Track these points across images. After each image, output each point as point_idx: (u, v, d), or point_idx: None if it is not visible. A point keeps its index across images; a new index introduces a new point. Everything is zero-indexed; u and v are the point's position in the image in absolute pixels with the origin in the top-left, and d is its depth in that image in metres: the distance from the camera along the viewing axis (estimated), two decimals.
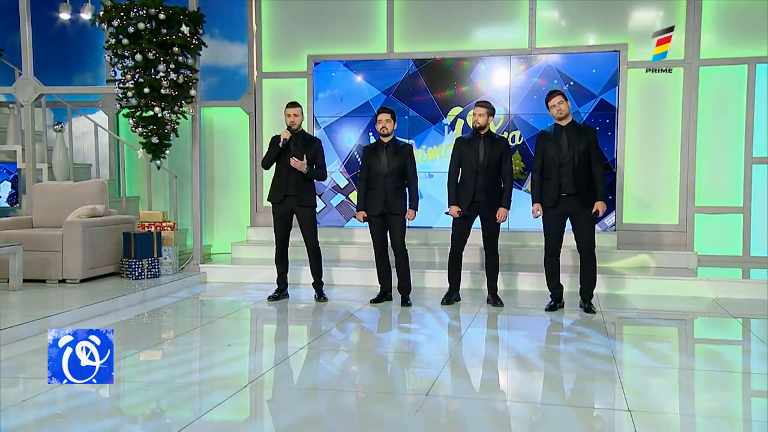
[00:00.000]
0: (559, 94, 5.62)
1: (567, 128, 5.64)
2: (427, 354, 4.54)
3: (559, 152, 5.59)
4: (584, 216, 5.63)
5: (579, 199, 5.60)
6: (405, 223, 6.09)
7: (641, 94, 7.83)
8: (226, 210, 8.97)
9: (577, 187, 5.56)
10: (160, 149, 7.07)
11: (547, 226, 5.75)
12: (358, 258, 7.71)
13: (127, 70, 6.80)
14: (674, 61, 7.73)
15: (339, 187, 8.46)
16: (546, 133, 5.77)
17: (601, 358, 4.39)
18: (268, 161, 6.18)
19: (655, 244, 7.75)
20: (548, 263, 5.85)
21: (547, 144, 5.67)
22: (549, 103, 5.64)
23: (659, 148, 7.87)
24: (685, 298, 6.39)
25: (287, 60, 8.65)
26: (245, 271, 7.41)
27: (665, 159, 7.86)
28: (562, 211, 5.65)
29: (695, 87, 7.69)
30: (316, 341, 4.89)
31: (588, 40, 7.93)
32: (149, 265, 6.80)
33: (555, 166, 5.59)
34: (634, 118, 7.87)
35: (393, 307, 6.03)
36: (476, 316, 5.67)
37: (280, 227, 6.26)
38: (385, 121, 5.97)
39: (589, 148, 5.58)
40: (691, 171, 7.74)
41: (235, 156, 8.89)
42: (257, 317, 5.82)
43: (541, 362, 4.37)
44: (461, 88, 8.09)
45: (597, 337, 4.93)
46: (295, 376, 4.10)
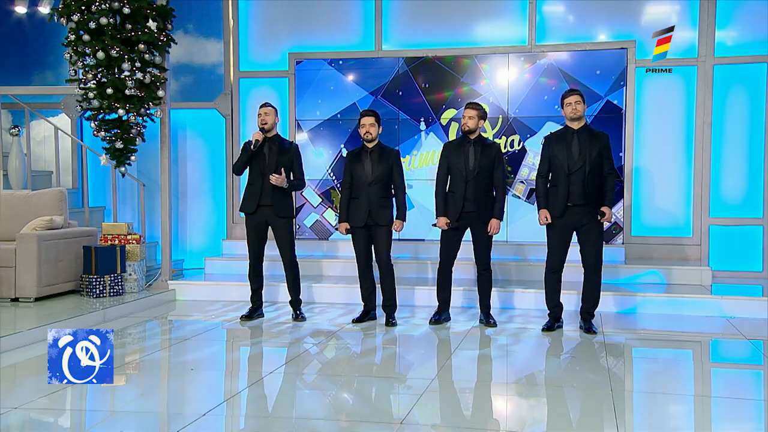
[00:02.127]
0: (577, 94, 5.60)
1: (579, 132, 5.60)
2: (409, 378, 4.53)
3: (569, 158, 5.55)
4: (592, 229, 5.61)
5: (588, 211, 5.57)
6: (391, 236, 6.08)
7: (650, 95, 7.85)
8: (199, 221, 8.95)
9: (587, 197, 5.54)
10: (125, 155, 7.07)
11: (551, 238, 5.72)
12: (343, 273, 7.69)
13: (89, 68, 6.80)
14: (687, 59, 7.74)
15: (312, 204, 8.47)
16: (556, 135, 5.73)
17: (603, 384, 4.36)
18: (240, 166, 6.18)
19: (666, 258, 7.74)
20: (549, 280, 5.82)
21: (556, 148, 5.63)
22: (565, 100, 5.61)
23: (670, 154, 7.86)
24: (698, 318, 6.36)
25: (267, 58, 8.67)
26: (219, 289, 7.39)
27: (677, 165, 7.85)
28: (569, 223, 5.63)
29: (709, 87, 7.69)
30: (290, 365, 4.87)
31: (593, 36, 7.94)
32: (112, 281, 6.78)
33: (564, 173, 5.56)
34: (643, 120, 7.87)
35: (377, 327, 6.01)
36: (466, 337, 5.65)
37: (254, 240, 6.24)
38: (369, 126, 5.97)
39: (601, 155, 5.56)
40: (706, 178, 7.74)
41: (209, 162, 8.89)
42: (227, 339, 5.79)
43: (533, 389, 4.34)
44: (455, 88, 8.10)
45: (598, 361, 4.91)
46: (263, 402, 4.08)
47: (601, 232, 5.68)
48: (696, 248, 7.77)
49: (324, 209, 8.44)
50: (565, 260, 5.77)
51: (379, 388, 4.36)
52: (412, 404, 3.94)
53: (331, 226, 8.38)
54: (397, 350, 5.42)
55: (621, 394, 4.17)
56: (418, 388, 4.22)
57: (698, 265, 7.50)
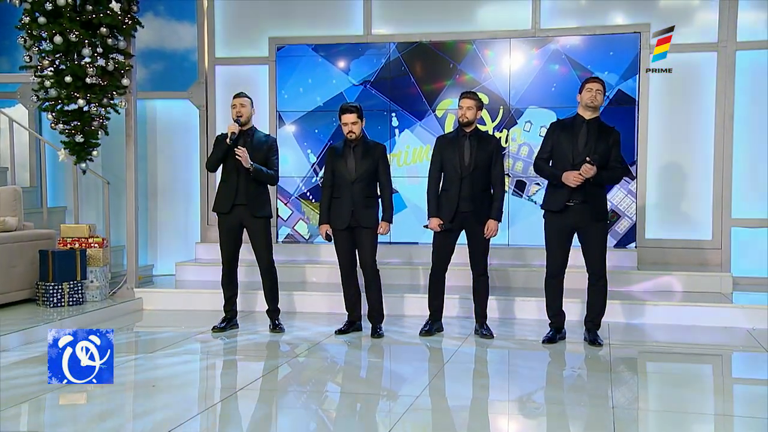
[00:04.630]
0: (600, 82, 5.61)
1: (590, 123, 5.61)
2: (394, 394, 4.54)
3: (573, 149, 5.56)
4: (594, 230, 5.62)
5: (589, 210, 5.58)
6: (377, 239, 6.08)
7: (666, 84, 7.84)
8: (171, 223, 8.94)
9: (588, 194, 5.54)
10: (86, 150, 7.06)
11: (550, 239, 5.73)
12: (328, 280, 7.68)
13: (45, 54, 6.79)
14: (706, 44, 7.74)
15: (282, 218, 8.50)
16: (563, 123, 5.74)
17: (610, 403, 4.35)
18: (214, 162, 6.19)
19: (683, 263, 7.73)
20: (549, 286, 5.83)
21: (561, 136, 5.63)
22: (586, 85, 5.59)
23: (688, 148, 7.86)
24: (716, 329, 6.35)
25: (245, 43, 8.66)
26: (190, 297, 7.39)
27: (696, 161, 7.85)
28: (569, 223, 5.63)
29: (731, 75, 7.69)
30: (266, 380, 4.87)
31: (603, 19, 7.94)
32: (71, 289, 6.77)
33: (568, 165, 5.55)
34: (658, 112, 7.87)
35: (362, 338, 6.02)
36: (459, 349, 5.65)
37: (227, 242, 6.25)
38: (351, 124, 5.96)
39: (609, 151, 5.57)
40: (727, 176, 7.73)
41: (182, 158, 8.88)
42: (197, 352, 5.79)
43: (530, 408, 4.35)
44: (453, 76, 8.10)
45: (605, 377, 4.90)
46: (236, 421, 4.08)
47: (605, 232, 5.69)
48: (716, 252, 7.76)
49: (295, 221, 8.45)
50: (566, 264, 5.77)
51: (364, 405, 4.37)
52: (393, 424, 3.93)
53: (303, 238, 8.40)
54: (384, 364, 5.43)
55: (631, 414, 4.17)
56: (404, 405, 4.22)
57: (718, 271, 7.49)
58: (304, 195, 8.47)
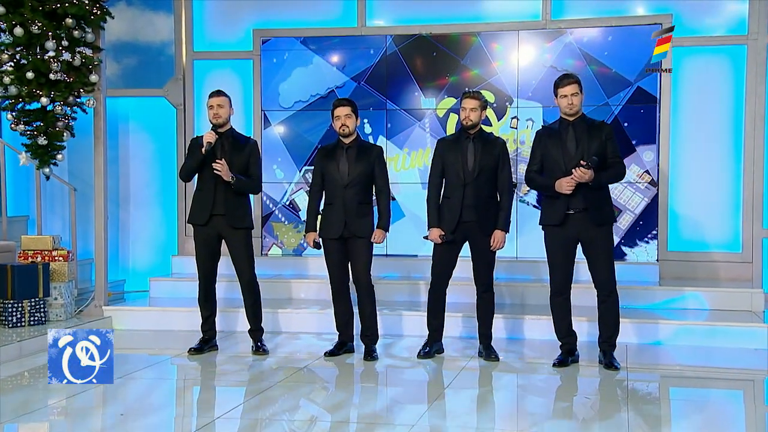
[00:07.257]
0: (574, 82, 5.64)
1: (575, 125, 5.65)
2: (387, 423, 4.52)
3: (564, 155, 5.59)
4: (599, 241, 5.62)
5: (591, 218, 5.58)
6: (371, 250, 6.08)
7: (690, 80, 7.86)
8: (145, 234, 8.94)
9: (588, 200, 5.55)
10: (50, 153, 7.06)
11: (551, 253, 5.74)
12: (317, 297, 7.68)
13: (5, 48, 6.80)
14: (734, 36, 7.75)
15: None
16: (547, 129, 5.80)
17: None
18: (189, 171, 6.20)
19: (710, 278, 7.74)
20: (555, 304, 5.84)
21: (548, 143, 5.68)
22: (559, 90, 5.65)
23: (715, 151, 7.87)
24: (747, 351, 6.33)
25: (227, 36, 8.68)
26: (165, 316, 7.38)
27: (723, 165, 7.86)
28: (571, 235, 5.64)
29: (762, 71, 7.71)
30: (248, 407, 4.86)
31: (622, 10, 7.96)
32: (32, 307, 6.75)
33: (560, 172, 5.58)
34: (682, 111, 7.88)
35: (355, 361, 6.00)
36: (461, 373, 5.65)
37: (204, 256, 6.26)
38: (345, 117, 5.97)
39: (605, 149, 5.59)
40: (758, 181, 7.74)
41: (157, 163, 8.89)
42: (171, 376, 5.80)
43: None
44: (455, 73, 8.10)
45: (621, 404, 4.89)
46: None
47: (610, 239, 5.70)
48: (746, 266, 7.76)
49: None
50: (571, 279, 5.79)
51: None
52: None
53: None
54: (378, 389, 5.42)
55: None
56: None
57: (748, 287, 7.48)
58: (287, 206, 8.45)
